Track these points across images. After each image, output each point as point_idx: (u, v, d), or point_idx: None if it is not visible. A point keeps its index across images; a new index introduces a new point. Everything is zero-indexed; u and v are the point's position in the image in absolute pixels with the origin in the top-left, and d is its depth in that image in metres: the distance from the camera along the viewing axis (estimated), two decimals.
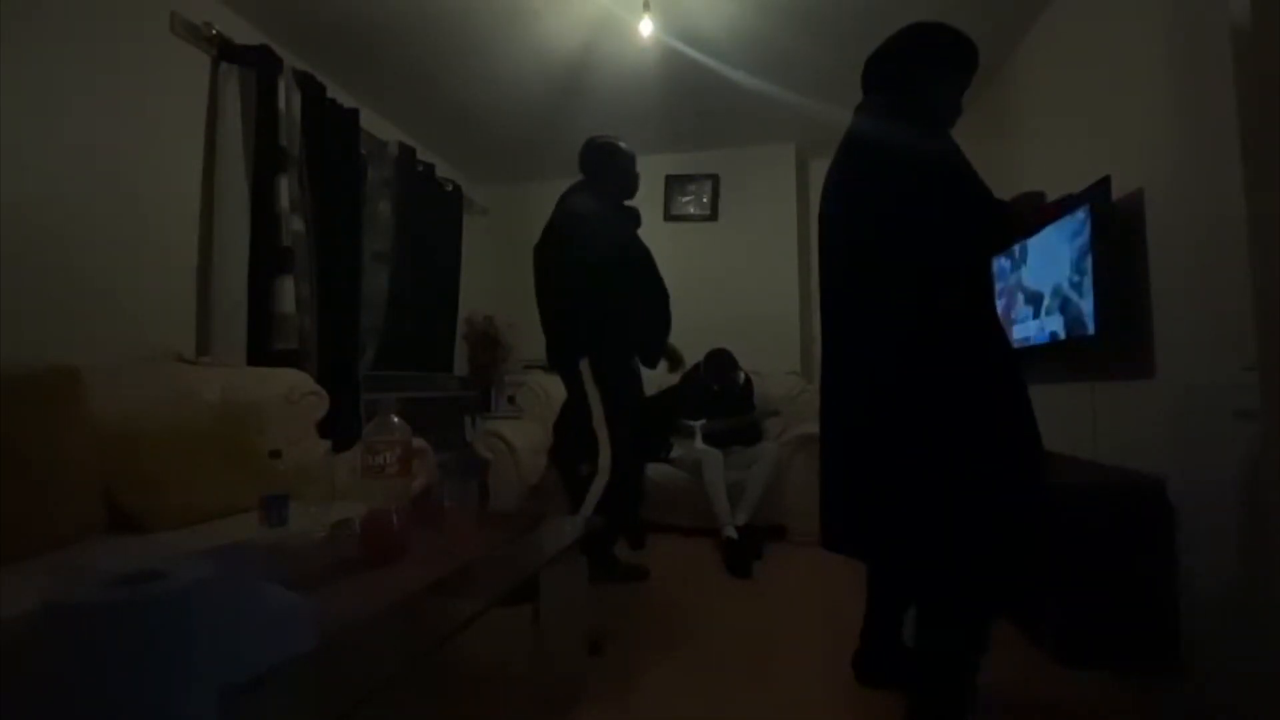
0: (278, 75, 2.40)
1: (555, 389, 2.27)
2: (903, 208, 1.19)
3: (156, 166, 2.12)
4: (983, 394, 1.17)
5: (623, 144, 2.24)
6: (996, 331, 1.23)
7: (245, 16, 2.41)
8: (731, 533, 2.49)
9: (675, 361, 2.42)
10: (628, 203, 2.27)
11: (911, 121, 1.25)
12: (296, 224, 2.44)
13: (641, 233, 2.23)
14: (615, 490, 1.99)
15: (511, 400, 3.57)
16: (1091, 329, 1.76)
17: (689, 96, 3.10)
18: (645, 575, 2.24)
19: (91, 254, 1.90)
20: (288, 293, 2.37)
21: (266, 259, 2.34)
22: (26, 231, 1.72)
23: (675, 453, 2.90)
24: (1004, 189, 1.29)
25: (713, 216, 3.88)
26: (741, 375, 3.09)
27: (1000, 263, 2.37)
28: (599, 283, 1.99)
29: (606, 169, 2.21)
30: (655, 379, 2.65)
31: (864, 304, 1.28)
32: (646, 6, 2.26)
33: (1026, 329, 2.20)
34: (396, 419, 1.35)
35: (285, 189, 2.38)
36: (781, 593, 2.13)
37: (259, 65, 2.36)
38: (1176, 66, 1.51)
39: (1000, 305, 2.33)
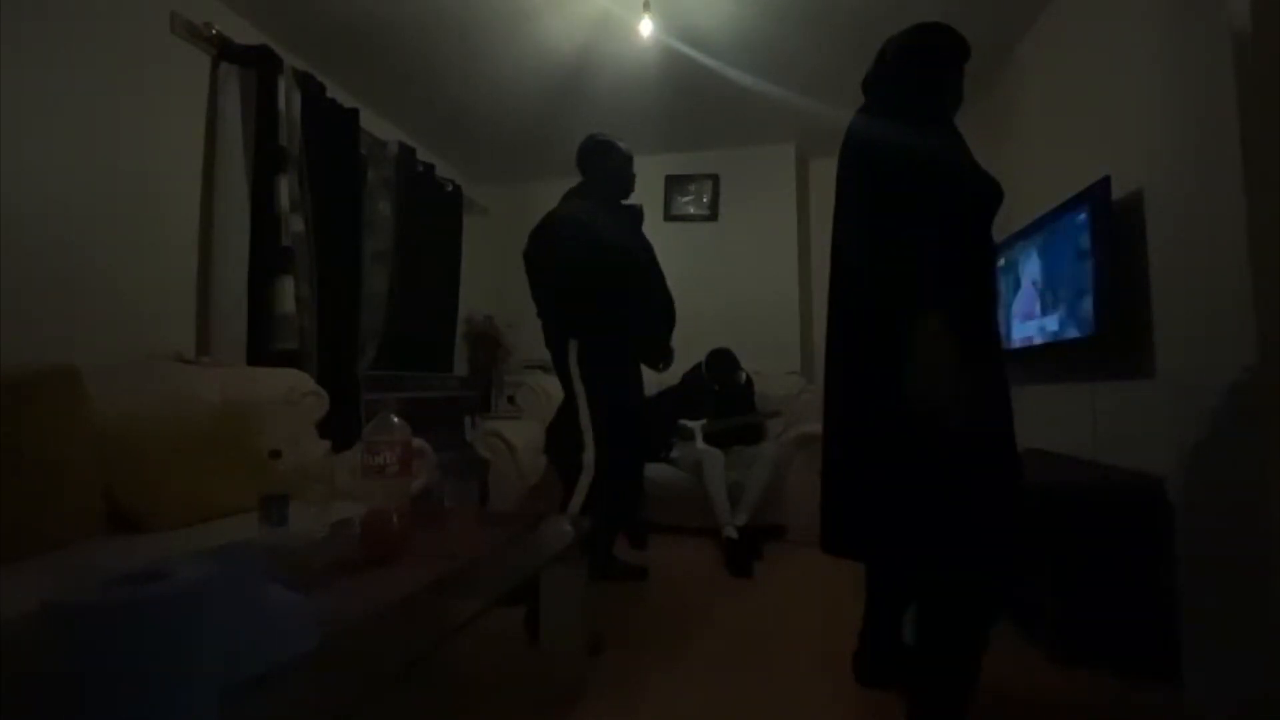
0: (278, 75, 2.40)
1: (555, 389, 2.27)
2: (896, 209, 1.19)
3: (156, 166, 2.12)
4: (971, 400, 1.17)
5: (619, 143, 2.23)
6: (992, 336, 1.23)
7: (245, 16, 2.41)
8: (732, 533, 2.50)
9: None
10: (630, 200, 2.27)
11: (909, 117, 1.25)
12: (296, 224, 2.44)
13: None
14: (603, 488, 1.98)
15: (511, 400, 3.57)
16: (1092, 329, 1.76)
17: (689, 96, 3.10)
18: (644, 575, 2.24)
19: (91, 254, 1.91)
20: (288, 293, 2.37)
21: (266, 259, 2.34)
22: (26, 232, 1.72)
23: (675, 453, 2.90)
24: (1004, 189, 1.28)
25: (713, 216, 3.88)
26: (742, 375, 3.09)
27: (1001, 263, 2.38)
28: (580, 277, 1.98)
29: (598, 167, 2.20)
30: (654, 379, 2.65)
31: (859, 306, 1.29)
32: (646, 6, 2.26)
33: (1027, 329, 2.20)
34: (396, 419, 1.35)
35: (285, 189, 2.38)
36: (781, 593, 2.13)
37: (259, 65, 2.36)
38: (1176, 66, 1.51)
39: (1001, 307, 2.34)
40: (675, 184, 3.91)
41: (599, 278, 1.99)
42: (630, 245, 2.15)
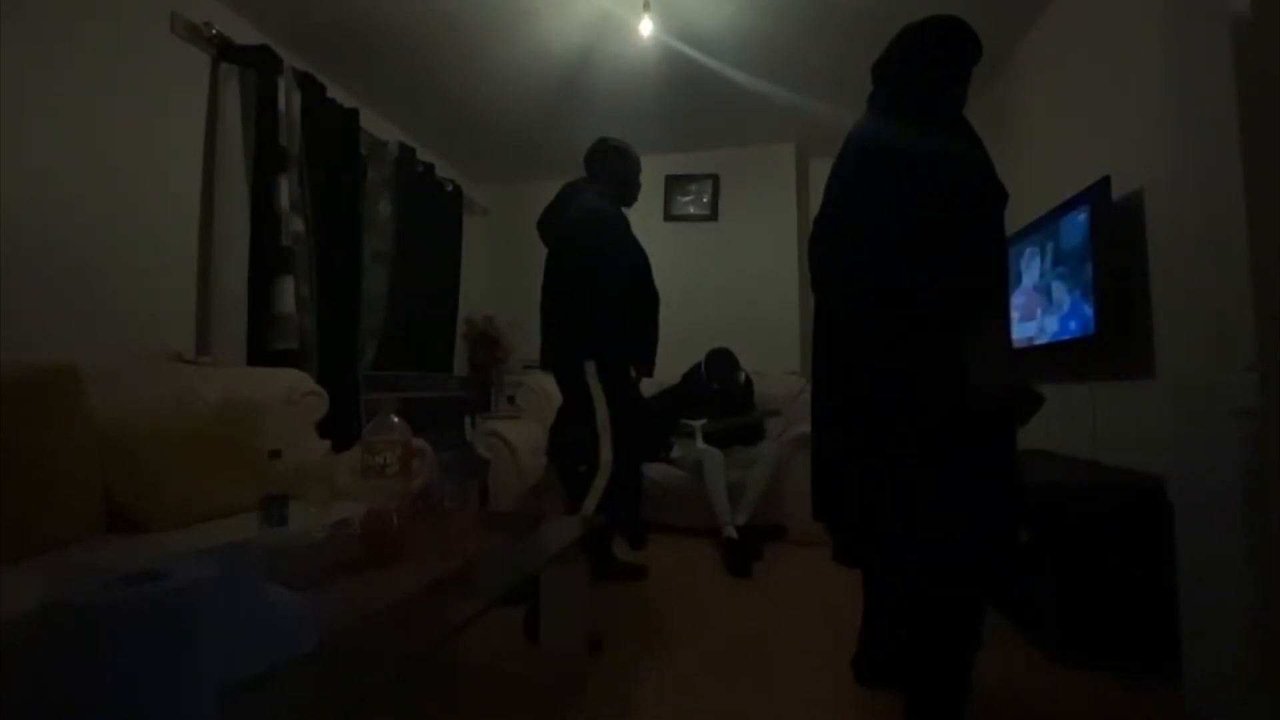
0: (278, 75, 2.40)
1: (555, 389, 2.28)
2: (930, 210, 1.17)
3: (156, 166, 2.12)
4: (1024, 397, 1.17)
5: (632, 149, 2.23)
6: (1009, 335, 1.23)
7: (245, 16, 2.41)
8: (731, 533, 2.49)
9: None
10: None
11: (930, 113, 1.24)
12: (296, 224, 2.44)
13: (642, 233, 2.23)
14: (614, 489, 1.99)
15: (511, 400, 3.57)
16: (1091, 329, 1.76)
17: (689, 96, 3.10)
18: (644, 575, 2.24)
19: (91, 254, 1.91)
20: (288, 293, 2.37)
21: (266, 259, 2.34)
22: (27, 231, 1.72)
23: (675, 453, 2.90)
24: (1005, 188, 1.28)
25: (713, 216, 3.88)
26: (742, 375, 3.09)
27: None
28: (615, 288, 1.99)
29: (616, 173, 2.18)
30: (651, 379, 2.65)
31: (876, 310, 1.25)
32: (646, 6, 2.26)
33: (1027, 328, 2.20)
34: (396, 419, 1.34)
35: (285, 189, 2.38)
36: (781, 593, 2.13)
37: (259, 65, 2.36)
38: (1176, 66, 1.51)
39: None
40: (675, 184, 3.91)
41: (627, 289, 2.00)
42: (644, 256, 2.15)
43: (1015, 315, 2.27)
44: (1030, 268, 2.19)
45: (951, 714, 1.18)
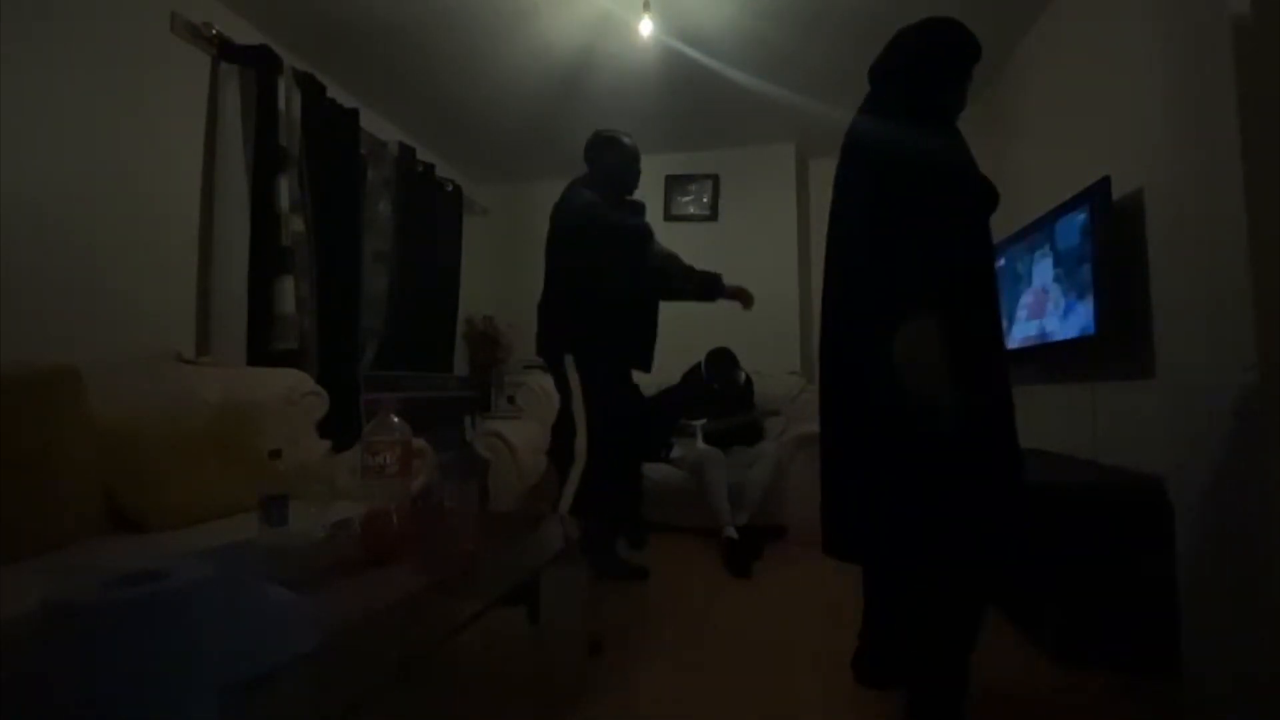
0: (278, 75, 2.40)
1: (555, 390, 2.29)
2: (898, 204, 1.18)
3: (156, 166, 2.12)
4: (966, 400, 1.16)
5: (625, 139, 2.25)
6: (993, 338, 1.23)
7: (245, 16, 2.41)
8: (732, 533, 2.49)
9: (746, 300, 2.43)
10: (634, 196, 2.28)
11: (914, 115, 1.25)
12: (296, 224, 2.44)
13: None
14: (595, 484, 1.99)
15: (511, 400, 3.57)
16: (1092, 329, 1.76)
17: (689, 96, 3.10)
18: (645, 575, 2.24)
19: (91, 254, 1.91)
20: (288, 293, 2.38)
21: (266, 259, 2.34)
22: (26, 231, 1.72)
23: (675, 453, 2.90)
24: (1004, 189, 1.29)
25: (713, 216, 3.88)
26: (742, 375, 3.09)
27: (1001, 264, 2.37)
28: (591, 279, 2.00)
29: (601, 161, 2.23)
30: (651, 379, 2.65)
31: (858, 304, 1.28)
32: (646, 6, 2.26)
33: (1027, 329, 2.21)
34: (396, 419, 1.34)
35: (285, 189, 2.38)
36: (781, 593, 2.13)
37: (259, 65, 2.36)
38: (1176, 66, 1.51)
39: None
40: (675, 184, 3.91)
41: (603, 274, 2.01)
42: (635, 241, 2.16)
43: (1023, 314, 2.27)
44: (1030, 268, 2.19)
45: (951, 715, 1.18)
